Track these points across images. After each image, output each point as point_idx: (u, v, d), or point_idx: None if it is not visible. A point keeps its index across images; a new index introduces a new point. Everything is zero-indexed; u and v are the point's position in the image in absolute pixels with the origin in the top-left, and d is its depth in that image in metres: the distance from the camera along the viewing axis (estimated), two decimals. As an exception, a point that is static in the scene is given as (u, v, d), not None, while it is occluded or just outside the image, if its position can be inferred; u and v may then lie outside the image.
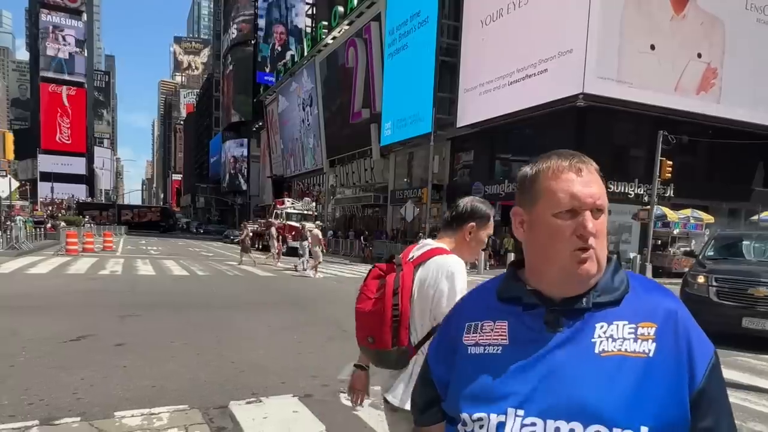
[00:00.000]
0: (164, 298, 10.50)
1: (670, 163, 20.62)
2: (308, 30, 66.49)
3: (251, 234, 21.65)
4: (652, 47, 21.51)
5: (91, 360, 5.59)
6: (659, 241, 22.16)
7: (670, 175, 20.78)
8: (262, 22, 77.99)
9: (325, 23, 43.27)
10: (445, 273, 1.87)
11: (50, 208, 59.00)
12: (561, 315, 0.93)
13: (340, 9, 39.64)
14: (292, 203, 32.36)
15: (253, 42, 78.32)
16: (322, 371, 5.41)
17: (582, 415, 0.85)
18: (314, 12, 64.07)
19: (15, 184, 21.55)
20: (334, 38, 41.54)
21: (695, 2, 22.25)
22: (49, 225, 29.80)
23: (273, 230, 22.15)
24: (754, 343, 7.30)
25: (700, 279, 7.78)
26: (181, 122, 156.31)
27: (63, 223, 32.45)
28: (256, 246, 33.78)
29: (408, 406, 1.65)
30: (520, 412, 0.88)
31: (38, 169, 79.25)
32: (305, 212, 30.69)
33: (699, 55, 22.53)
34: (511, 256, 20.02)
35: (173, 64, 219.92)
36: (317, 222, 20.93)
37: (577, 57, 20.43)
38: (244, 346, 6.49)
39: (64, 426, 3.81)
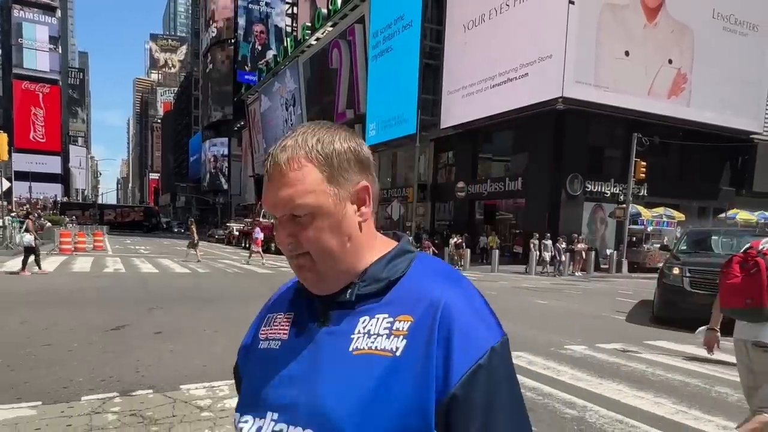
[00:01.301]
0: (178, 293, 11.06)
1: (644, 163, 21.79)
2: (288, 29, 66.86)
3: (196, 231, 22.11)
4: (627, 53, 22.65)
5: (137, 346, 6.19)
6: (634, 238, 23.31)
7: (644, 175, 21.95)
8: (242, 21, 77.92)
9: (309, 24, 43.72)
10: None
11: (25, 207, 58.08)
12: (330, 308, 0.84)
13: (324, 11, 40.17)
14: (279, 202, 32.65)
15: (232, 41, 78.18)
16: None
17: (318, 421, 0.77)
18: (294, 12, 64.41)
19: (6, 184, 21.70)
20: (317, 39, 42.02)
21: (666, 11, 23.46)
22: (37, 225, 29.72)
23: None
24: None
25: (675, 270, 8.67)
26: (159, 120, 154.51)
27: (49, 223, 32.42)
28: (243, 245, 34.16)
29: None
30: (275, 416, 0.81)
31: (12, 168, 77.71)
32: (292, 212, 31.07)
33: (670, 61, 23.77)
34: (495, 254, 20.88)
35: (149, 62, 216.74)
36: None
37: (557, 62, 21.42)
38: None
39: (141, 396, 4.43)
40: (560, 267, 19.99)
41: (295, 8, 64.30)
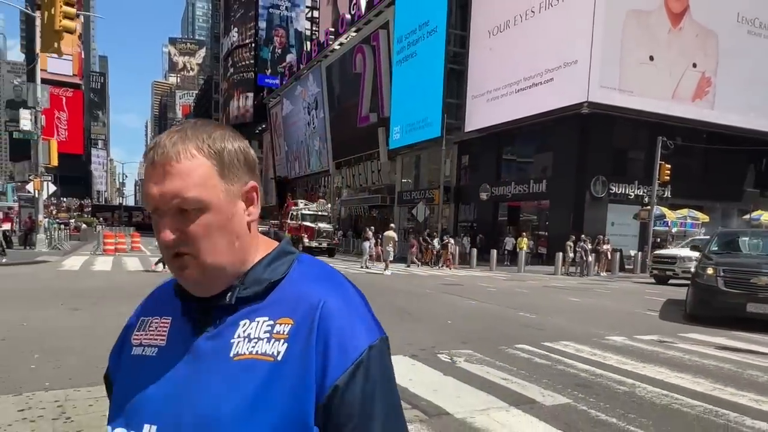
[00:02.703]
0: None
1: (669, 166, 22.18)
2: (308, 33, 67.93)
3: None
4: (651, 58, 23.10)
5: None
6: (658, 239, 23.69)
7: (668, 177, 22.34)
8: (262, 25, 79.25)
9: (332, 29, 44.59)
10: None
11: (50, 209, 59.71)
12: (209, 313, 0.82)
13: (348, 16, 41.00)
14: (306, 204, 33.26)
15: (253, 45, 79.53)
16: (415, 341, 6.83)
17: (201, 430, 0.75)
18: (315, 16, 65.49)
19: (52, 188, 22.85)
20: (341, 44, 42.87)
21: (691, 16, 23.84)
22: (73, 227, 31.14)
23: (369, 233, 21.81)
24: (750, 324, 8.62)
25: (709, 271, 9.04)
26: (178, 123, 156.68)
27: (84, 225, 33.73)
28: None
29: None
30: (153, 429, 0.78)
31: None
32: (319, 213, 31.67)
33: (694, 65, 24.14)
34: (523, 254, 21.45)
35: (168, 65, 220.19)
36: (391, 225, 21.92)
37: (582, 67, 21.95)
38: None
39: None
40: (586, 267, 20.49)
41: (315, 12, 65.35)
